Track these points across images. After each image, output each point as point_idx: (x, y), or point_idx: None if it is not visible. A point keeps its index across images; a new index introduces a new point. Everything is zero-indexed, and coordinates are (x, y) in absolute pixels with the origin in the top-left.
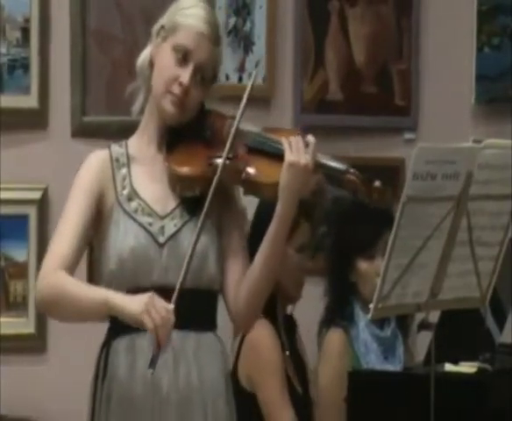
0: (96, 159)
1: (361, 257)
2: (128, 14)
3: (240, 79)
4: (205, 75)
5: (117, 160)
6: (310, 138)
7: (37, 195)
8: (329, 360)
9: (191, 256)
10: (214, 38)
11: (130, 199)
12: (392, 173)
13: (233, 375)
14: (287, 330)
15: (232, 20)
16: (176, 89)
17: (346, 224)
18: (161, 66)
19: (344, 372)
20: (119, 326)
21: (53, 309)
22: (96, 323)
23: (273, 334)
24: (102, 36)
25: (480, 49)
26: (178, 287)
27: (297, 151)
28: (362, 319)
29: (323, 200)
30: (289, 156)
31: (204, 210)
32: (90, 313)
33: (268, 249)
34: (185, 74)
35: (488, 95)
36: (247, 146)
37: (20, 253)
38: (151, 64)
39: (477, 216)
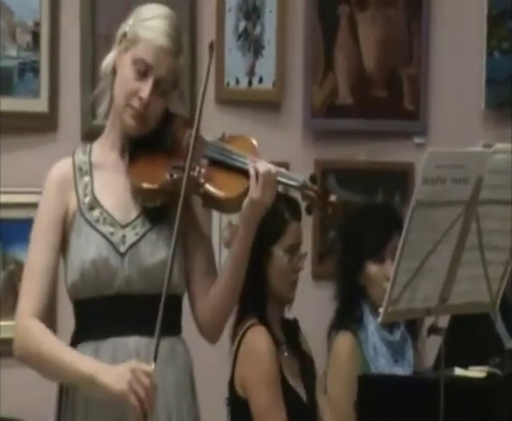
0: (56, 173)
1: (371, 260)
2: None
3: (250, 83)
4: (165, 87)
5: (80, 168)
6: (272, 168)
7: None
8: (338, 363)
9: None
10: (174, 50)
11: (91, 208)
12: (401, 177)
13: (230, 382)
14: (288, 333)
15: (242, 24)
16: (136, 103)
17: (356, 228)
18: (122, 78)
19: (354, 375)
20: (84, 332)
21: (30, 365)
22: None
23: (268, 341)
24: (111, 40)
25: (489, 53)
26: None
27: (262, 187)
28: (371, 323)
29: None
30: (254, 193)
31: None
32: (72, 382)
33: (232, 266)
34: (145, 89)
35: (498, 99)
36: (207, 157)
37: None
38: (114, 70)
39: (487, 220)
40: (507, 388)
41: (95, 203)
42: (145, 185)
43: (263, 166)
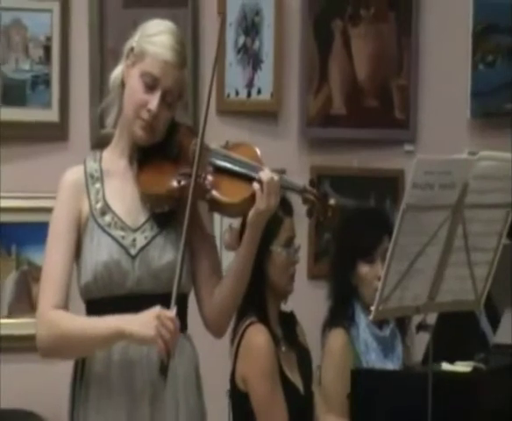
0: (69, 179)
1: (362, 262)
2: None
3: (249, 94)
4: (172, 99)
5: (92, 175)
6: (276, 176)
7: None
8: (331, 358)
9: (182, 263)
10: (180, 63)
11: (103, 213)
12: (392, 183)
13: (232, 377)
14: (285, 326)
15: (242, 39)
16: (145, 115)
17: (348, 231)
18: (131, 91)
19: (346, 369)
20: None
21: (57, 352)
22: None
23: (266, 338)
24: (118, 54)
25: (474, 67)
26: (175, 289)
27: (268, 195)
28: (363, 320)
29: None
30: (260, 203)
31: (184, 230)
32: (102, 346)
33: (238, 267)
34: (153, 101)
35: (483, 109)
36: (213, 164)
37: (42, 257)
38: (122, 83)
39: (472, 223)
40: (491, 381)
41: (106, 209)
42: (154, 192)
43: (266, 174)
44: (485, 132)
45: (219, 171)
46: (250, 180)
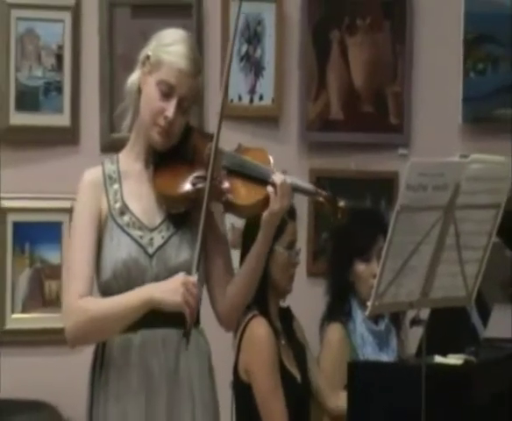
0: (89, 179)
1: (359, 260)
2: None
3: (251, 100)
4: (187, 105)
5: (110, 177)
6: (288, 179)
7: (69, 204)
8: (329, 351)
9: (204, 229)
10: (194, 71)
11: (122, 213)
12: (387, 184)
13: (235, 370)
14: (283, 321)
15: (244, 47)
16: (162, 122)
17: (345, 231)
18: (147, 98)
19: (344, 361)
20: None
21: (86, 338)
22: None
23: (268, 330)
24: (127, 61)
25: (466, 74)
26: (196, 257)
27: (281, 197)
28: (359, 315)
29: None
30: (274, 204)
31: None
32: (133, 318)
33: (250, 265)
34: (170, 108)
35: (474, 115)
36: (226, 167)
37: (54, 256)
38: (139, 90)
39: (464, 223)
40: (481, 373)
41: (125, 209)
42: (170, 194)
43: (279, 177)
44: (475, 136)
45: (233, 174)
46: (262, 182)
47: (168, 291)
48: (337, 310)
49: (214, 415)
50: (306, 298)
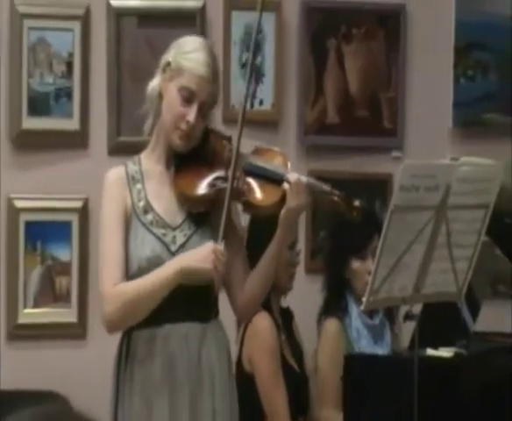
0: (114, 177)
1: (354, 258)
2: (156, 49)
3: (252, 105)
4: (207, 109)
5: (133, 177)
6: (303, 178)
7: (79, 204)
8: (326, 344)
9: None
10: (213, 77)
11: (145, 212)
12: (381, 186)
13: (238, 361)
14: (284, 319)
15: (245, 55)
16: (183, 126)
17: (342, 230)
18: (169, 104)
19: (340, 354)
20: (138, 324)
21: (129, 315)
22: None
23: (270, 323)
24: (134, 68)
25: (456, 80)
26: (222, 224)
27: (297, 194)
28: (355, 310)
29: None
30: (290, 202)
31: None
32: (167, 290)
33: (268, 262)
34: (191, 113)
35: (464, 119)
36: (245, 168)
37: (64, 253)
38: (160, 95)
39: (454, 222)
40: (471, 365)
41: (148, 208)
42: (191, 195)
43: (293, 176)
44: (465, 139)
45: (251, 175)
46: (279, 182)
47: (200, 260)
48: (334, 305)
49: (232, 406)
50: (304, 294)
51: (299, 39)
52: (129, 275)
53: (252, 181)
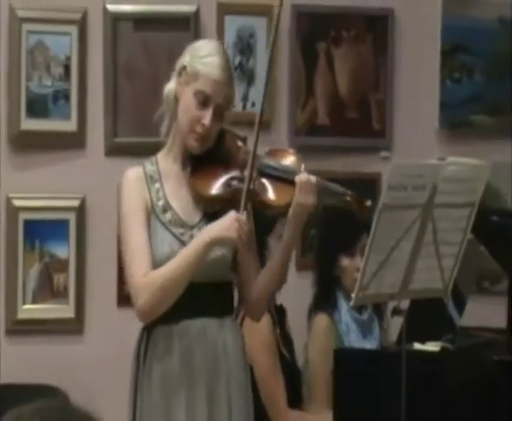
0: (133, 175)
1: (343, 255)
2: (152, 52)
3: (244, 106)
4: (223, 111)
5: (151, 176)
6: (312, 178)
7: (76, 203)
8: (317, 339)
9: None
10: (229, 80)
11: (164, 211)
12: (370, 185)
13: None
14: (277, 314)
15: (238, 58)
16: (199, 129)
17: (331, 228)
18: (185, 107)
19: (330, 348)
20: (156, 320)
21: (164, 299)
22: (121, 313)
23: (267, 316)
24: (130, 70)
25: (442, 82)
26: (244, 194)
27: (305, 192)
28: (344, 306)
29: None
30: (299, 198)
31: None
32: (198, 264)
33: (278, 259)
34: (207, 117)
35: (450, 120)
36: (259, 169)
37: (62, 251)
38: (176, 98)
39: (441, 220)
40: (457, 359)
41: (167, 207)
42: (207, 194)
43: (303, 175)
44: (451, 140)
45: (265, 175)
46: (292, 183)
47: (224, 229)
48: (324, 301)
49: (247, 399)
50: (295, 290)
51: (290, 43)
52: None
53: (266, 182)
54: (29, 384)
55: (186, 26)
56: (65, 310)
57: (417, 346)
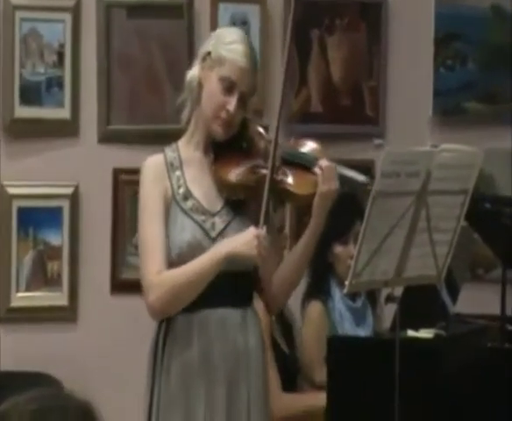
0: (153, 164)
1: (337, 243)
2: (145, 39)
3: None
4: (247, 99)
5: (172, 163)
6: (333, 165)
7: (69, 190)
8: (310, 327)
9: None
10: (253, 67)
11: (185, 198)
12: (364, 172)
13: None
14: None
15: None
16: (224, 115)
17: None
18: (209, 93)
19: (323, 336)
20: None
21: (175, 301)
22: (114, 301)
23: (261, 306)
24: (123, 58)
25: (436, 70)
26: (263, 209)
27: (328, 180)
28: (337, 293)
29: None
30: (322, 186)
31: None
32: (212, 275)
33: (300, 252)
34: (231, 102)
35: (443, 108)
36: (282, 158)
37: (56, 238)
38: (199, 84)
39: (434, 207)
40: (450, 346)
41: (188, 194)
42: (231, 182)
43: (325, 162)
44: (445, 127)
45: (288, 164)
46: (313, 172)
47: (244, 244)
48: (318, 288)
49: (265, 391)
50: None
51: (283, 31)
52: (169, 262)
53: (290, 171)
54: (22, 372)
55: (179, 14)
56: (58, 298)
57: (411, 332)
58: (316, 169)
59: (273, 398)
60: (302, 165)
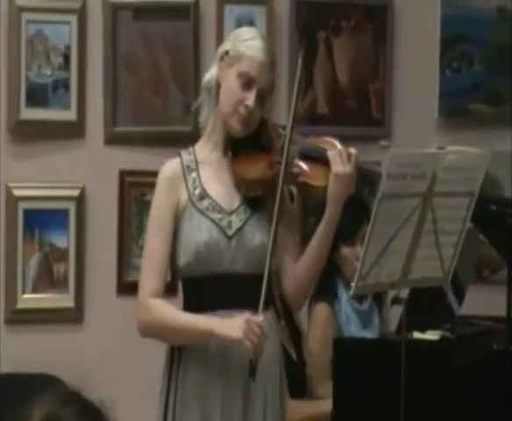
0: (168, 170)
1: (344, 244)
2: (151, 42)
3: None
4: (265, 96)
5: (188, 166)
6: (352, 150)
7: (76, 192)
8: (317, 329)
9: (271, 256)
10: (272, 64)
11: (201, 198)
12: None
13: None
14: (283, 305)
15: None
16: (243, 111)
17: None
18: (228, 89)
19: (330, 338)
20: (194, 305)
21: (153, 336)
22: (120, 302)
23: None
24: (129, 60)
25: (442, 71)
26: (263, 295)
27: (343, 162)
28: (344, 295)
29: None
30: (336, 167)
31: (276, 211)
32: (190, 341)
33: (318, 244)
34: (250, 98)
35: (449, 109)
36: (299, 152)
37: (62, 240)
38: (217, 84)
39: (440, 209)
40: (456, 348)
41: (204, 194)
42: (249, 177)
43: (338, 145)
44: (450, 129)
45: (305, 158)
46: (329, 159)
47: (231, 327)
48: (324, 290)
49: (281, 395)
50: None
51: (289, 32)
52: (185, 262)
53: (306, 165)
54: (28, 374)
55: (186, 15)
56: (64, 300)
57: (417, 334)
58: (329, 153)
59: None
60: (320, 158)
